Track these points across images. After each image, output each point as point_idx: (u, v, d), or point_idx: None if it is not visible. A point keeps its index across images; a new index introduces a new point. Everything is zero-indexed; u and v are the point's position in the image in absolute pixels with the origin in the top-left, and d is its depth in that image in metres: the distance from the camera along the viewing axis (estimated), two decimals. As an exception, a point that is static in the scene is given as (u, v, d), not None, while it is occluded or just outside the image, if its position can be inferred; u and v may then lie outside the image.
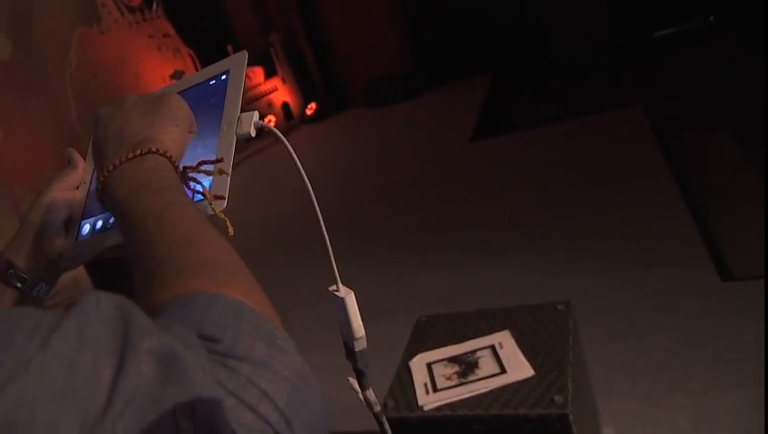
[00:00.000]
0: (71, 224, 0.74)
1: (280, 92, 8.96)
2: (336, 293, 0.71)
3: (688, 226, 3.20)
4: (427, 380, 1.72)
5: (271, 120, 8.43)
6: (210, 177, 0.64)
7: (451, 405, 1.61)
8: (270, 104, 8.66)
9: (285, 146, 0.67)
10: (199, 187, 0.63)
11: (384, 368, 1.89)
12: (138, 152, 0.59)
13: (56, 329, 0.36)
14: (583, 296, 2.63)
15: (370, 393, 0.75)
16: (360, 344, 0.72)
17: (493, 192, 4.43)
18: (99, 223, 0.73)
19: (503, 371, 1.69)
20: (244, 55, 0.73)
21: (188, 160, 0.66)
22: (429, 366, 1.78)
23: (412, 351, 1.87)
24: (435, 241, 3.87)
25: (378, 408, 0.77)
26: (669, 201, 3.52)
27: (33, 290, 0.69)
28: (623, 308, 2.67)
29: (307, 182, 0.68)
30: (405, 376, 1.77)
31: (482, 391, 1.63)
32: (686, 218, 3.28)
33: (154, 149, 0.59)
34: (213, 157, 0.66)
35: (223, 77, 0.73)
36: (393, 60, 8.73)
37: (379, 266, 3.67)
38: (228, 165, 0.65)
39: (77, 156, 0.76)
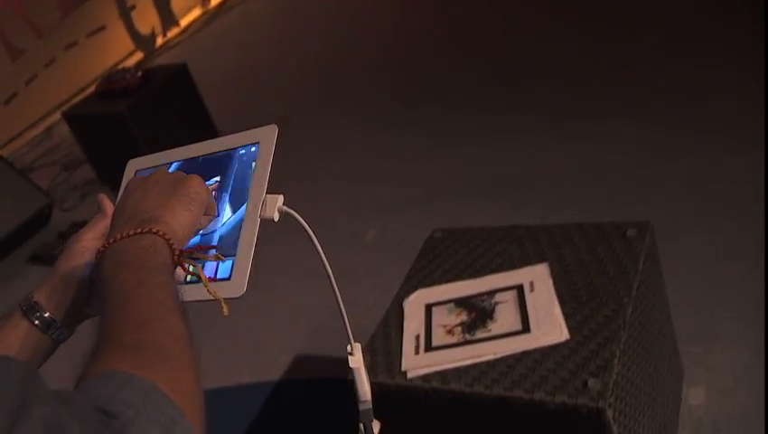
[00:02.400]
0: None
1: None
2: (350, 357, 0.89)
3: None
4: (421, 331, 1.44)
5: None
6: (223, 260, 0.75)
7: (443, 374, 1.33)
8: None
9: (310, 237, 0.80)
10: (193, 269, 0.71)
11: (382, 294, 1.61)
12: (140, 230, 0.68)
13: None
14: (677, 210, 2.17)
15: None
16: (365, 406, 0.91)
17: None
18: None
19: (526, 329, 1.37)
20: (274, 130, 0.80)
21: (211, 229, 0.79)
22: (429, 309, 1.49)
23: (412, 282, 1.58)
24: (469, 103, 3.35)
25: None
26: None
27: (51, 331, 0.80)
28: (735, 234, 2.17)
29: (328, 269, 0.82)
30: (394, 321, 1.49)
31: (490, 357, 1.33)
32: None
33: (155, 230, 0.68)
34: (237, 234, 0.77)
35: (253, 148, 0.81)
36: None
37: (423, 132, 3.25)
38: (249, 249, 0.75)
39: (107, 203, 0.86)
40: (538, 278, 1.48)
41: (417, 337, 1.43)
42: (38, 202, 3.44)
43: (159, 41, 6.48)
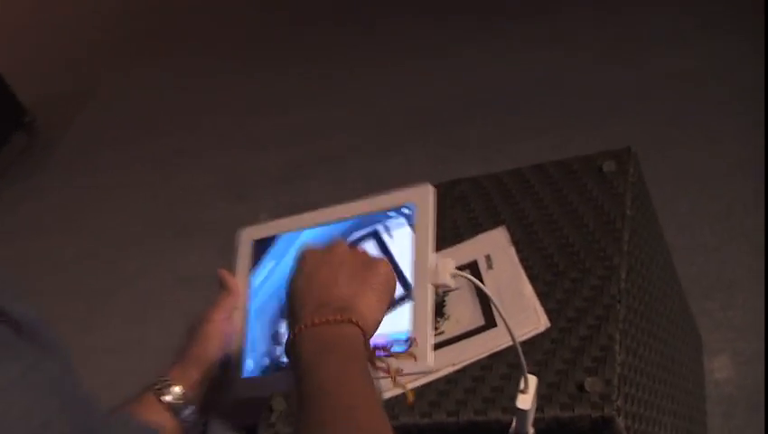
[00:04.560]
0: (231, 356, 0.89)
1: None
2: (521, 394, 0.85)
3: None
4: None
5: None
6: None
7: (386, 406, 1.08)
8: None
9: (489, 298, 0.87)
10: (384, 366, 0.77)
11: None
12: (339, 317, 0.72)
13: None
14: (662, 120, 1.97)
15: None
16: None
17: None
18: (267, 361, 0.88)
19: (490, 324, 1.13)
20: (430, 190, 0.83)
21: None
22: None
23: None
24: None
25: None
26: None
27: (185, 414, 0.84)
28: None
29: None
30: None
31: (449, 370, 1.10)
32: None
33: (354, 320, 0.72)
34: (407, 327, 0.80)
35: (405, 210, 0.85)
36: None
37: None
38: (425, 317, 0.79)
39: (230, 280, 0.92)
40: (495, 248, 1.25)
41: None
42: None
43: None
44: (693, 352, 1.44)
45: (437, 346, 1.12)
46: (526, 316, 1.12)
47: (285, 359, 0.79)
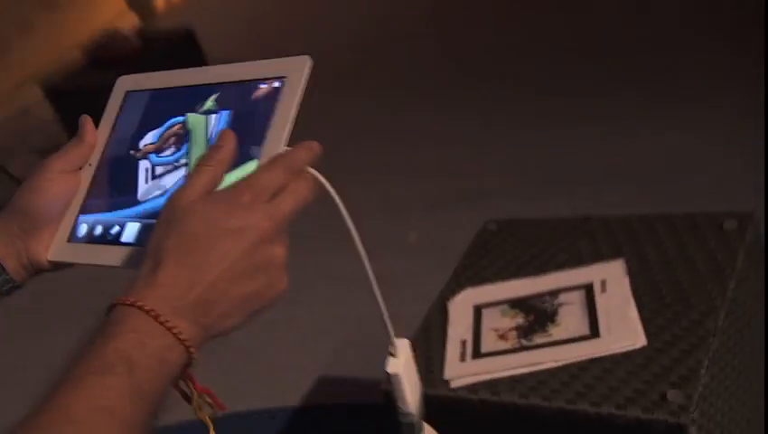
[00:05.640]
0: (64, 216, 0.78)
1: None
2: (390, 359, 0.77)
3: None
4: (469, 335, 1.38)
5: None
6: None
7: (492, 384, 1.26)
8: None
9: (335, 202, 0.69)
10: (187, 390, 0.66)
11: (424, 305, 1.57)
12: (184, 337, 0.59)
13: None
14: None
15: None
16: (407, 419, 0.80)
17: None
18: (99, 229, 0.76)
19: (595, 334, 1.29)
20: (305, 62, 0.72)
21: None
22: (478, 311, 1.43)
23: (459, 280, 1.52)
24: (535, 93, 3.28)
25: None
26: None
27: None
28: None
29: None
30: (437, 323, 1.44)
31: (551, 364, 1.26)
32: None
33: (193, 349, 0.60)
34: None
35: (276, 84, 0.73)
36: None
37: (483, 117, 3.18)
38: None
39: (89, 129, 0.79)
40: (611, 277, 1.40)
41: (464, 343, 1.37)
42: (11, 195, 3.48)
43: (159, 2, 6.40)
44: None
45: (546, 345, 1.31)
46: (627, 332, 1.27)
47: (116, 231, 0.74)
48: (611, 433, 1.17)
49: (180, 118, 0.78)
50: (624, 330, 1.28)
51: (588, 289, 1.39)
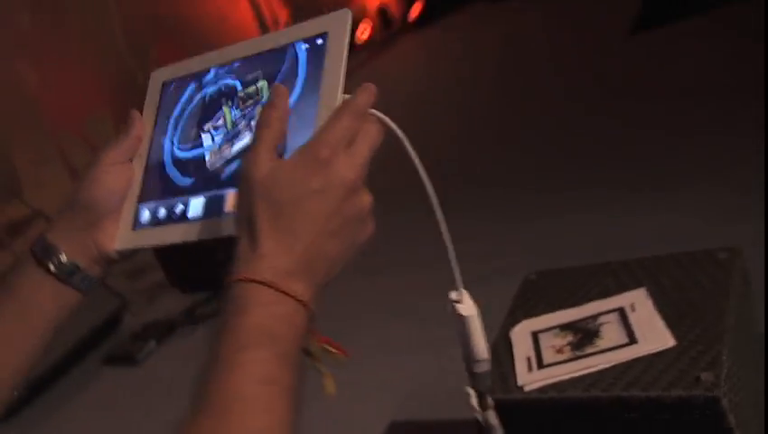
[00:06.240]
0: (125, 206, 0.80)
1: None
2: (458, 305, 0.81)
3: None
4: (531, 353, 1.70)
5: (366, 30, 8.36)
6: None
7: (558, 385, 1.58)
8: (363, 8, 8.57)
9: (399, 137, 0.70)
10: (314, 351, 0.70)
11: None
12: (303, 296, 0.63)
13: None
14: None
15: (491, 415, 0.88)
16: (482, 367, 0.85)
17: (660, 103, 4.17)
18: (163, 212, 0.78)
19: (633, 341, 1.63)
20: (346, 15, 0.71)
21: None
22: (535, 336, 1.75)
23: (515, 317, 1.85)
24: (578, 178, 3.75)
25: (500, 433, 0.89)
26: None
27: (73, 279, 0.77)
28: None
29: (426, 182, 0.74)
30: (503, 349, 1.76)
31: (603, 366, 1.58)
32: None
33: (311, 306, 0.64)
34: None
35: (319, 41, 0.72)
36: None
37: (495, 214, 3.63)
38: None
39: (138, 123, 0.81)
40: (637, 301, 1.74)
41: (528, 358, 1.69)
42: (110, 304, 3.75)
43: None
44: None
45: (596, 353, 1.64)
46: (658, 337, 1.59)
47: (180, 209, 0.75)
48: (661, 411, 1.46)
49: (221, 96, 0.79)
50: (656, 335, 1.61)
51: (621, 311, 1.73)
